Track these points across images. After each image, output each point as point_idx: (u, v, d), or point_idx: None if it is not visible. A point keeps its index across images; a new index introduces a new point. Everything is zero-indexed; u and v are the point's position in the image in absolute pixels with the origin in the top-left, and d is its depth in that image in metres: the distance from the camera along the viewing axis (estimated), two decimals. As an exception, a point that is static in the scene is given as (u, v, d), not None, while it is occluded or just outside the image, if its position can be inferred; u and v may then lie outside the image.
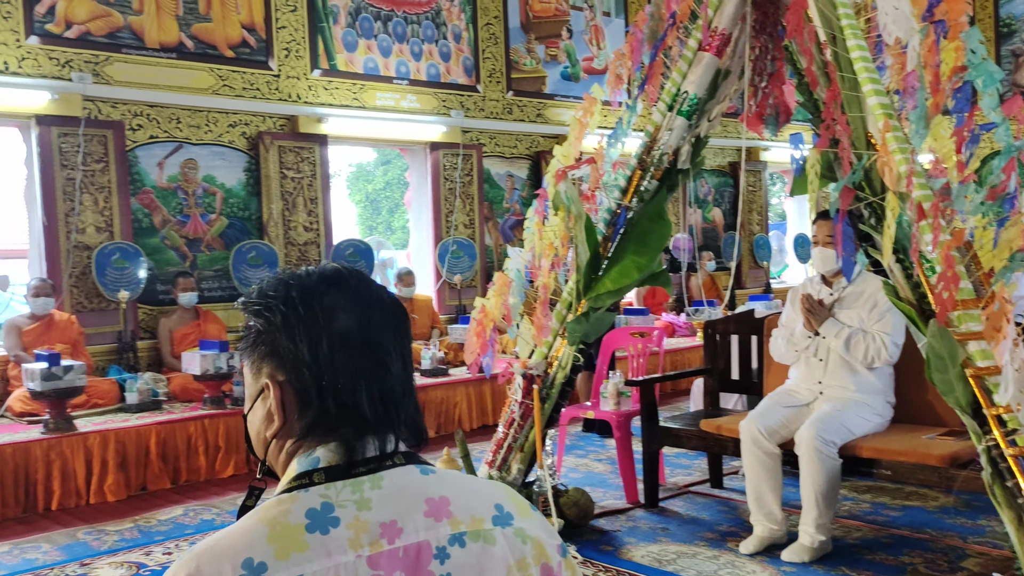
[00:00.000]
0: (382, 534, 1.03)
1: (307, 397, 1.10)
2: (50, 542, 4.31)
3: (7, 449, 4.83)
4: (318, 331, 1.10)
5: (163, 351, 6.55)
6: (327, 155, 7.66)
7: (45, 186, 6.23)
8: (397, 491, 1.07)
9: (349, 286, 1.14)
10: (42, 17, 6.21)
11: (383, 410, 1.10)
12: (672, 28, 3.76)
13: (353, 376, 1.09)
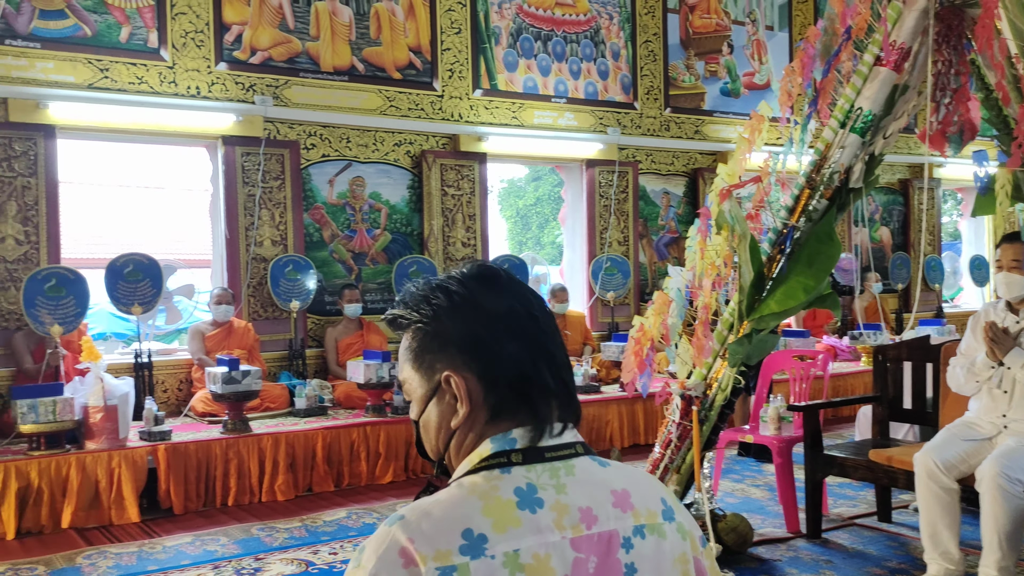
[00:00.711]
0: (581, 519, 1.09)
1: (491, 379, 1.14)
2: (227, 536, 4.60)
3: (191, 447, 5.20)
4: (487, 316, 1.15)
5: (329, 359, 6.87)
6: (486, 172, 7.84)
7: (228, 201, 6.68)
8: (587, 479, 1.13)
9: (501, 277, 1.19)
10: (230, 45, 6.69)
11: (561, 381, 1.16)
12: (847, 43, 3.63)
13: (530, 352, 1.14)
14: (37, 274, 5.71)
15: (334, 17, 7.10)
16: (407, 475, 5.86)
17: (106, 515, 4.89)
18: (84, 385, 5.16)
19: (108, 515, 4.89)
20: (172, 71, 6.46)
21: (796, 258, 3.79)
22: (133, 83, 6.31)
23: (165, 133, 6.61)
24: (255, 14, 6.77)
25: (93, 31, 6.19)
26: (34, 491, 4.76)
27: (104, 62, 6.22)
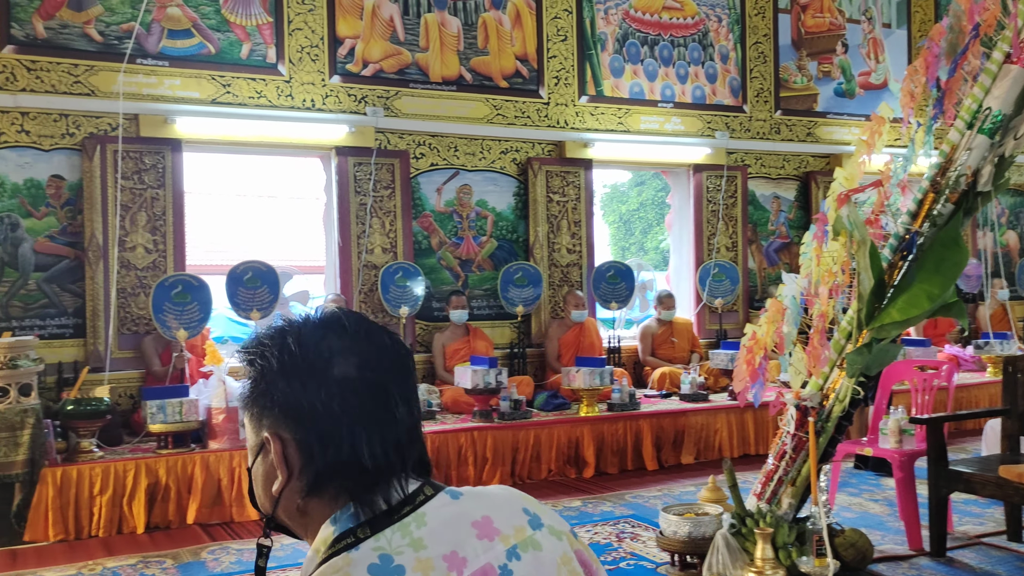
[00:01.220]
0: (449, 568, 1.02)
1: (309, 450, 1.06)
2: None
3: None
4: (316, 378, 1.06)
5: (436, 364, 6.98)
6: (591, 179, 7.83)
7: (341, 210, 6.88)
8: (443, 523, 1.06)
9: (347, 330, 1.09)
10: (343, 58, 6.89)
11: (387, 459, 1.07)
12: (975, 41, 3.48)
13: (354, 424, 1.05)
14: (164, 281, 6.01)
15: (443, 28, 7.23)
16: (513, 480, 5.90)
17: (227, 512, 5.10)
18: (207, 387, 5.40)
19: (229, 512, 5.09)
20: (289, 85, 6.70)
21: (920, 265, 3.64)
22: (253, 97, 6.58)
23: (282, 145, 6.86)
24: (367, 28, 6.96)
25: (216, 49, 6.48)
26: (162, 488, 5.00)
27: (226, 78, 6.50)
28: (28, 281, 5.96)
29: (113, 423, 5.42)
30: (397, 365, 1.11)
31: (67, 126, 6.06)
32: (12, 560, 4.45)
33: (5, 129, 5.89)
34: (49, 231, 6.03)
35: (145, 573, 4.18)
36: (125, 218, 6.14)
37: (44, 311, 6.00)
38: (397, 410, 1.09)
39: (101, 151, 6.05)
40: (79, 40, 6.09)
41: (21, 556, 4.52)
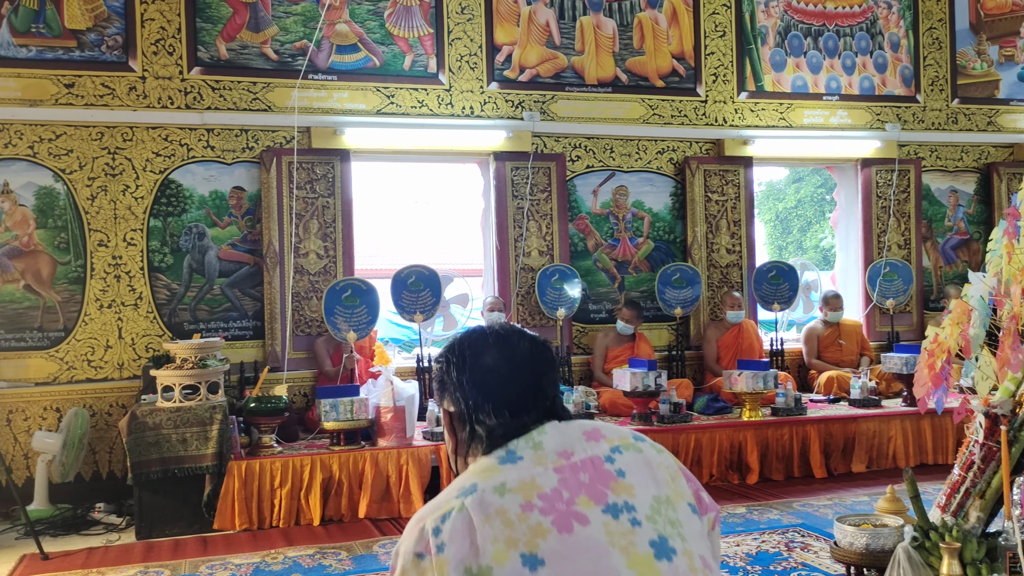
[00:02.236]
0: (559, 455, 1.43)
1: (462, 417, 1.53)
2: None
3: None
4: (466, 368, 1.54)
5: (595, 366, 6.98)
6: (751, 176, 7.62)
7: (499, 214, 7.00)
8: (559, 432, 1.47)
9: (490, 337, 1.57)
10: (500, 65, 7.02)
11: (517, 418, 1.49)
12: None
13: (485, 402, 1.50)
14: (335, 285, 6.31)
15: (598, 30, 7.23)
16: (675, 485, 5.81)
17: (396, 508, 5.29)
18: (376, 387, 5.62)
19: (397, 508, 5.28)
20: (449, 93, 6.88)
21: None
22: (415, 107, 6.80)
23: (442, 152, 7.05)
24: (523, 34, 7.06)
25: (381, 61, 6.74)
26: (335, 483, 5.25)
27: (390, 89, 6.75)
28: (213, 286, 6.39)
29: (290, 420, 5.73)
30: (534, 348, 1.57)
31: (247, 140, 6.46)
32: (203, 546, 4.79)
33: (193, 145, 6.34)
34: (231, 239, 6.44)
35: (323, 563, 4.39)
36: (299, 226, 6.48)
37: (227, 314, 6.41)
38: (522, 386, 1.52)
39: (277, 163, 6.41)
40: (257, 59, 6.48)
41: (211, 543, 4.85)
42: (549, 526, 1.33)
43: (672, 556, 1.37)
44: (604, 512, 1.37)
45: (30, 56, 6.04)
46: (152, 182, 6.26)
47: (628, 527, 1.37)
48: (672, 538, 1.39)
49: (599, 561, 1.32)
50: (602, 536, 1.35)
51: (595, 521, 1.36)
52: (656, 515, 1.40)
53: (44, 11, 6.07)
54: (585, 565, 1.31)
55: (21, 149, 6.02)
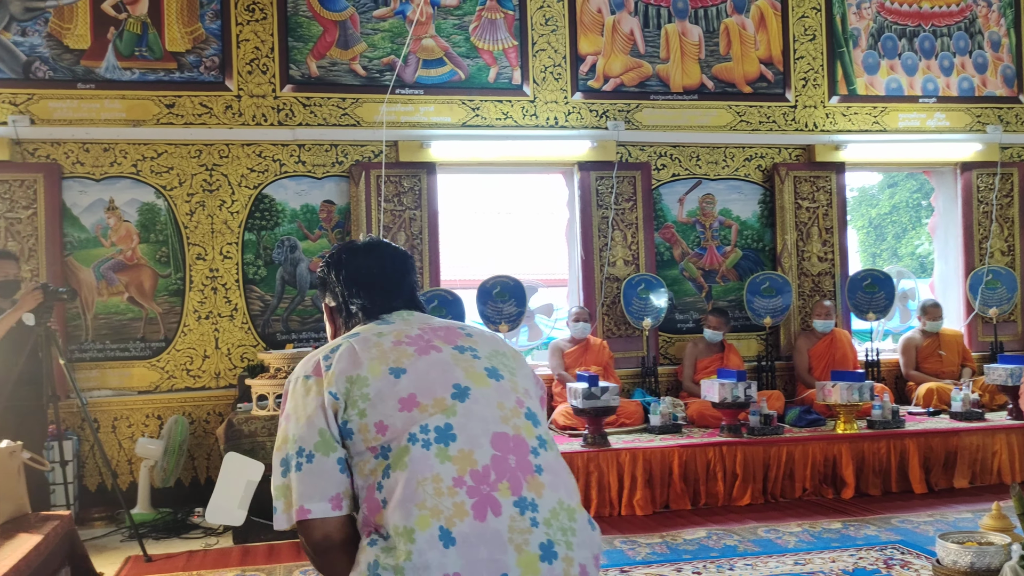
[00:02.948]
0: (421, 325, 1.90)
1: (339, 308, 2.01)
2: (592, 545, 4.77)
3: (555, 457, 5.48)
4: (342, 268, 2.00)
5: (684, 376, 6.89)
6: (843, 182, 7.42)
7: (583, 224, 6.98)
8: (422, 317, 1.95)
9: (360, 246, 2.05)
10: (584, 75, 7.02)
11: (375, 306, 1.95)
12: None
13: (357, 292, 1.97)
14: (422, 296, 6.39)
15: (683, 37, 7.17)
16: (765, 498, 5.69)
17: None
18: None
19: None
20: (533, 105, 6.92)
21: None
22: (500, 119, 6.86)
23: (526, 163, 7.08)
24: (607, 43, 7.04)
25: (466, 75, 6.82)
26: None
27: (475, 102, 6.83)
28: (305, 298, 6.55)
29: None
30: (393, 260, 2.03)
31: (337, 155, 6.61)
32: (297, 552, 4.90)
33: (285, 160, 6.53)
34: (322, 252, 6.60)
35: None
36: (386, 238, 6.60)
37: (318, 324, 6.56)
38: (387, 282, 1.98)
39: (366, 177, 6.54)
40: (346, 75, 6.64)
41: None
42: (412, 352, 1.79)
43: (500, 378, 1.82)
44: (453, 349, 1.83)
45: (133, 78, 6.32)
46: (247, 197, 6.46)
47: (470, 359, 1.82)
48: (501, 368, 1.84)
49: (446, 373, 1.77)
50: (449, 360, 1.80)
51: (445, 351, 1.82)
52: (492, 357, 1.85)
53: (147, 35, 6.34)
54: (435, 375, 1.76)
55: (125, 167, 6.30)
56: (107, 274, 6.27)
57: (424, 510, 1.56)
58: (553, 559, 1.59)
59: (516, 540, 1.58)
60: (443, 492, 1.59)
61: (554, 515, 1.64)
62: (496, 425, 1.71)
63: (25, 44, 6.17)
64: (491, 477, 1.63)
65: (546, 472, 1.70)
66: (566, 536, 1.64)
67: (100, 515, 5.78)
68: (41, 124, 6.16)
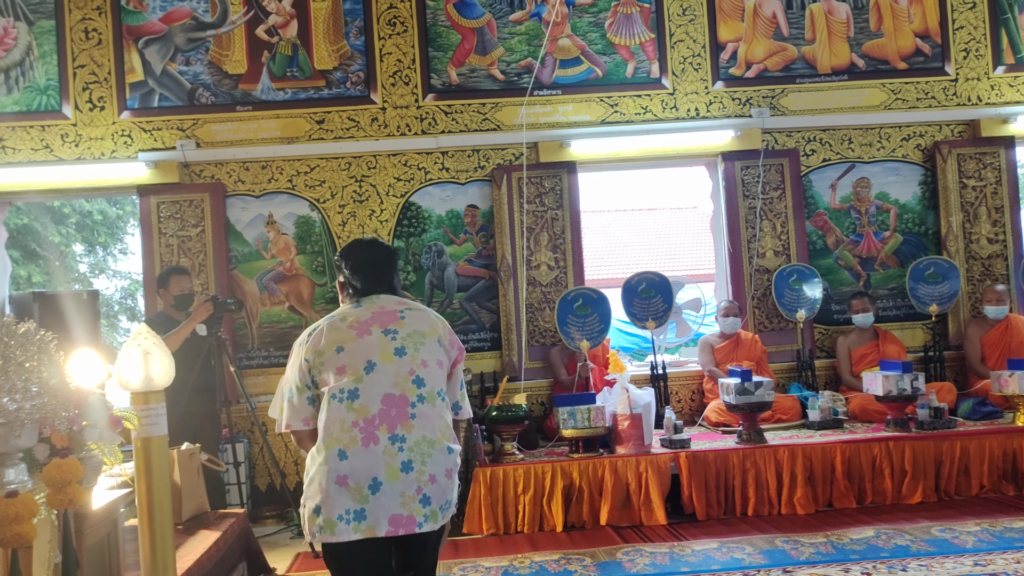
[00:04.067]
0: (379, 307, 2.75)
1: (345, 285, 2.87)
2: (752, 545, 4.64)
3: (709, 455, 5.37)
4: (349, 259, 2.86)
5: (842, 370, 6.60)
6: (1014, 158, 6.91)
7: (729, 216, 6.81)
8: (387, 299, 2.80)
9: (364, 243, 2.90)
10: (725, 63, 6.84)
11: (368, 287, 2.82)
12: None
13: (357, 274, 2.83)
14: (567, 295, 6.41)
15: (830, 16, 6.87)
16: (938, 496, 5.37)
17: (636, 515, 5.26)
18: (612, 395, 5.63)
19: (638, 516, 5.25)
20: (673, 97, 6.81)
21: None
22: (639, 113, 6.79)
23: (666, 156, 6.97)
24: (749, 28, 6.85)
25: (603, 72, 6.79)
26: (576, 489, 5.31)
27: (614, 98, 6.79)
28: (453, 301, 6.70)
29: (530, 428, 5.87)
30: (379, 253, 2.88)
31: (479, 160, 6.73)
32: (455, 550, 5.01)
33: (429, 168, 6.70)
34: (467, 255, 6.72)
35: (568, 569, 4.45)
36: (530, 239, 6.65)
37: (467, 327, 6.69)
38: (371, 270, 2.83)
39: (507, 179, 6.62)
40: (485, 81, 6.74)
41: (461, 546, 5.06)
42: (354, 335, 2.68)
43: (404, 354, 2.65)
44: (382, 332, 2.69)
45: (286, 98, 6.64)
46: (394, 205, 6.67)
47: (388, 340, 2.68)
48: (408, 346, 2.67)
49: (367, 351, 2.65)
50: (374, 342, 2.67)
51: (375, 334, 2.69)
52: (406, 338, 2.69)
53: (297, 56, 6.66)
54: (360, 353, 2.64)
55: (282, 183, 6.63)
56: (269, 285, 6.61)
57: (331, 438, 2.56)
58: (410, 471, 2.54)
59: (386, 459, 2.53)
60: (345, 429, 2.56)
61: (417, 445, 2.56)
62: (388, 388, 2.60)
63: (189, 72, 6.60)
64: (376, 422, 2.56)
65: (418, 418, 2.59)
66: (423, 457, 2.56)
67: (270, 513, 6.10)
68: (205, 147, 6.58)
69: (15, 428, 2.45)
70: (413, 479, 2.51)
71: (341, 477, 2.50)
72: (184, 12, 6.62)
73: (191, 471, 4.37)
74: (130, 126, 6.56)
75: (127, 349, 2.74)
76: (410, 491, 2.51)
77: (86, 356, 2.92)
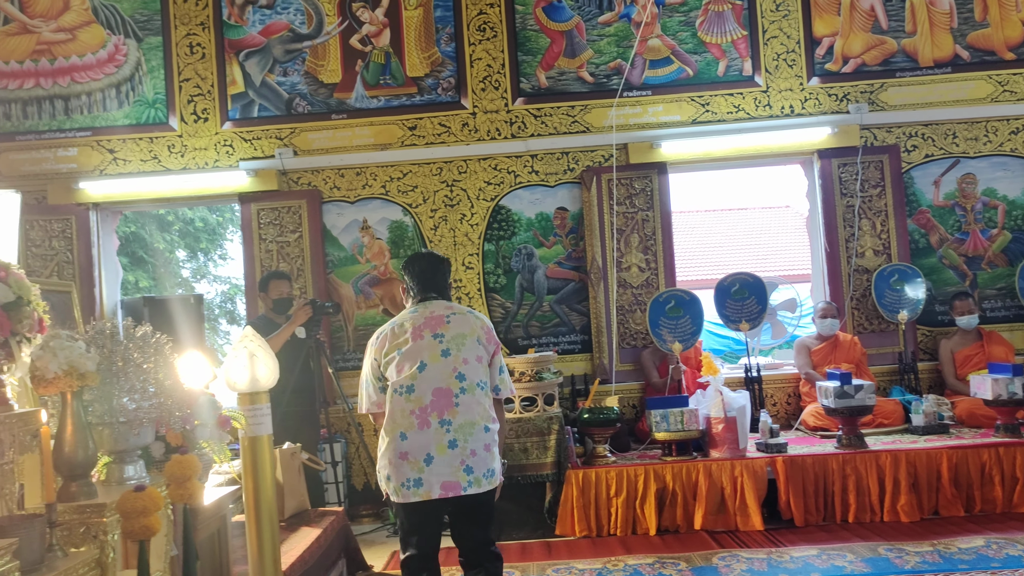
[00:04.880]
0: (430, 312, 3.40)
1: (407, 290, 3.55)
2: (853, 552, 4.52)
3: (807, 460, 5.25)
4: (411, 268, 3.54)
5: (946, 373, 6.36)
6: None
7: (826, 214, 6.64)
8: (438, 304, 3.45)
9: (423, 255, 3.58)
10: (821, 58, 6.68)
11: (424, 291, 3.49)
12: None
13: (419, 279, 3.50)
14: (658, 297, 6.35)
15: (931, 7, 6.64)
16: (1054, 507, 5.12)
17: (732, 520, 5.18)
18: (705, 398, 5.56)
19: (734, 521, 5.17)
20: (766, 94, 6.68)
21: None
22: (731, 112, 6.69)
23: (759, 155, 6.84)
24: (845, 22, 6.67)
25: (694, 71, 6.72)
26: (669, 493, 5.26)
27: (705, 97, 6.70)
28: (543, 303, 6.72)
29: (621, 430, 5.85)
30: (432, 263, 3.54)
31: (568, 162, 6.74)
32: (548, 551, 5.02)
33: (519, 171, 6.74)
34: (557, 258, 6.74)
35: (662, 573, 4.42)
36: (620, 240, 6.63)
37: (556, 329, 6.71)
38: (430, 273, 3.52)
39: (597, 181, 6.61)
40: (574, 83, 6.75)
41: (554, 548, 5.08)
42: (409, 338, 3.31)
43: (448, 355, 3.28)
44: (431, 336, 3.31)
45: (380, 105, 6.79)
46: (485, 209, 6.74)
47: (436, 343, 3.30)
48: (452, 348, 3.29)
49: (419, 354, 3.27)
50: (424, 345, 3.29)
51: (426, 338, 3.31)
52: (451, 340, 3.31)
53: (390, 64, 6.80)
54: (414, 355, 3.27)
55: (375, 189, 6.77)
56: (364, 288, 6.76)
57: (394, 424, 3.26)
58: (455, 447, 3.21)
59: (437, 439, 3.22)
60: (404, 416, 3.25)
61: (461, 427, 3.23)
62: (437, 383, 3.26)
63: (286, 83, 6.81)
64: (428, 410, 3.23)
65: (461, 406, 3.25)
66: (465, 436, 3.23)
67: (367, 512, 6.23)
68: (302, 154, 6.77)
69: (134, 426, 2.58)
70: (458, 454, 3.21)
71: (403, 453, 3.22)
72: (282, 24, 6.84)
73: (292, 470, 4.50)
74: (231, 136, 6.80)
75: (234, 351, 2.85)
76: (456, 463, 3.20)
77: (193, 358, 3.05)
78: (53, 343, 2.34)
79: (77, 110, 6.84)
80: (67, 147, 6.83)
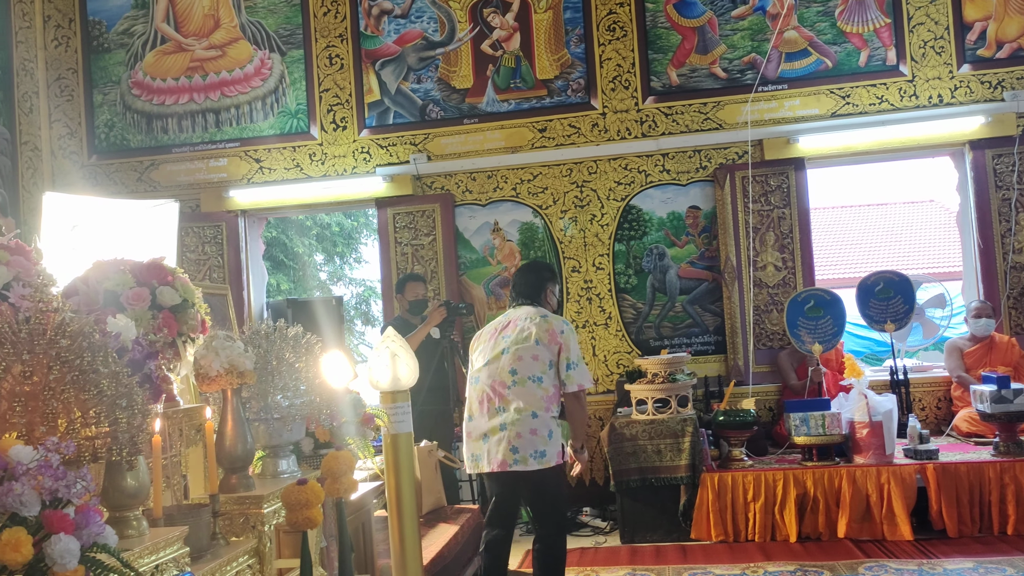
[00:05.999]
0: (516, 315, 4.02)
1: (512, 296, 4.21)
2: (1013, 567, 4.25)
3: (961, 468, 4.97)
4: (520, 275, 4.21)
5: (1117, 378, 5.89)
6: None
7: (979, 209, 6.27)
8: (526, 308, 4.04)
9: (532, 264, 4.30)
10: (972, 44, 6.32)
11: (517, 296, 4.14)
12: None
13: (513, 288, 4.19)
14: (797, 297, 6.16)
15: (1097, -17, 6.16)
16: None
17: (878, 529, 4.97)
18: (848, 401, 5.35)
19: (880, 529, 4.96)
20: (912, 84, 6.37)
21: None
22: (874, 104, 6.41)
23: (905, 147, 6.52)
24: (1000, 5, 6.28)
25: (833, 62, 6.48)
26: (810, 499, 5.09)
27: (844, 89, 6.45)
28: (675, 304, 6.63)
29: (758, 434, 5.70)
30: (527, 276, 4.16)
31: (700, 160, 6.62)
32: (683, 554, 4.95)
33: (650, 170, 6.68)
34: (689, 257, 6.63)
35: (804, 581, 4.29)
36: (755, 239, 6.46)
37: (689, 330, 6.60)
38: (516, 287, 4.15)
39: (731, 179, 6.47)
40: (706, 80, 6.63)
41: (689, 551, 5.00)
42: (488, 337, 4.00)
43: (506, 353, 3.86)
44: (500, 338, 3.93)
45: (510, 109, 6.87)
46: (615, 209, 6.71)
47: (503, 343, 3.89)
48: (511, 347, 3.86)
49: (489, 350, 3.93)
50: (493, 344, 3.94)
51: (496, 339, 3.95)
52: (513, 342, 3.86)
53: (520, 67, 6.86)
54: (487, 351, 3.94)
55: (506, 191, 6.85)
56: (495, 290, 6.85)
57: (468, 408, 3.95)
58: (504, 429, 3.75)
59: (492, 421, 3.80)
60: (472, 402, 3.92)
61: (510, 413, 3.76)
62: (495, 376, 3.84)
63: (420, 90, 6.99)
64: (488, 396, 3.84)
65: (512, 395, 3.78)
66: (515, 422, 3.74)
67: (501, 510, 6.30)
68: (436, 159, 6.93)
69: (287, 423, 2.71)
70: (505, 435, 3.75)
71: (469, 432, 3.92)
72: (416, 33, 7.02)
73: (430, 467, 4.61)
74: (368, 143, 7.03)
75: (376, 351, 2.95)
76: (504, 443, 3.74)
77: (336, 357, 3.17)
78: (215, 343, 2.49)
79: (227, 122, 7.23)
80: (218, 158, 7.23)
